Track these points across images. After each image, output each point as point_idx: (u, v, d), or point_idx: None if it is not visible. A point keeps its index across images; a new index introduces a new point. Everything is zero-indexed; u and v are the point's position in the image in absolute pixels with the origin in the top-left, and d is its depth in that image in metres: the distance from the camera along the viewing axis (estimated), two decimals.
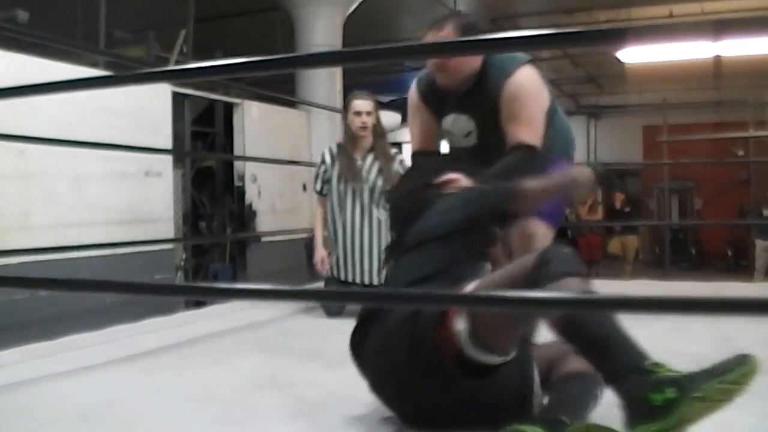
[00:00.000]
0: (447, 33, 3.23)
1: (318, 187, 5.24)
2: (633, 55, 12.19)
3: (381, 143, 5.17)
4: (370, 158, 5.13)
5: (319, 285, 5.38)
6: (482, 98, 3.29)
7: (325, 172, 5.20)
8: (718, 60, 12.87)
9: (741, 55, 12.20)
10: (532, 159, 3.20)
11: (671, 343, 3.21)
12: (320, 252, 5.14)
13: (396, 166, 5.09)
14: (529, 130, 3.24)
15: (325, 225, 5.21)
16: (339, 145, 5.28)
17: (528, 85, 3.28)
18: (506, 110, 3.26)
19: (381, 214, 5.02)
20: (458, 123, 3.40)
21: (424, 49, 2.99)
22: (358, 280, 5.07)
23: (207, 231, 8.06)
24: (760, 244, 11.61)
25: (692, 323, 3.92)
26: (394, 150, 5.31)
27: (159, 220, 6.42)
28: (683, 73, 13.56)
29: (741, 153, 15.93)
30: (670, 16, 11.66)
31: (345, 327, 2.62)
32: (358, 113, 5.08)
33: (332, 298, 3.31)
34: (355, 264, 5.08)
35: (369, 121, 5.08)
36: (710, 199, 17.03)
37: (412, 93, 3.56)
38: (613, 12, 11.76)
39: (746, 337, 3.29)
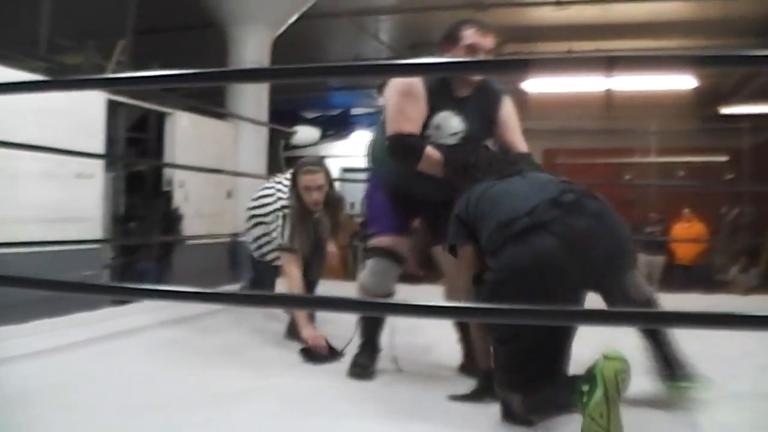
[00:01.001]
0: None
1: (291, 242, 4.38)
2: (536, 85, 12.39)
3: (332, 213, 4.67)
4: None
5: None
6: (482, 106, 3.49)
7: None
8: (609, 92, 13.20)
9: (630, 89, 12.56)
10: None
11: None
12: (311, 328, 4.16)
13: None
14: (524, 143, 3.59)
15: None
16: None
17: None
18: (507, 123, 3.56)
19: None
20: (451, 121, 3.43)
21: (339, 70, 3.04)
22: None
23: (136, 232, 7.93)
24: (642, 258, 11.90)
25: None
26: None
27: (89, 220, 6.34)
28: (580, 103, 13.83)
29: (628, 177, 16.33)
30: (569, 51, 11.90)
31: (260, 324, 2.61)
32: (308, 188, 4.35)
33: (249, 302, 3.23)
34: None
35: (320, 198, 4.37)
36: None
37: (416, 83, 3.39)
38: (520, 46, 11.95)
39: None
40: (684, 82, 11.79)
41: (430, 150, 3.31)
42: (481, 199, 2.92)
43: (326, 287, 5.14)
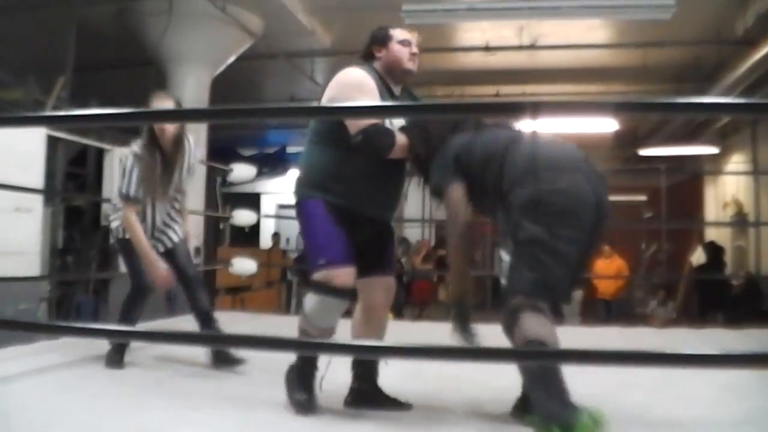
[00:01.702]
0: None
1: (133, 191, 4.11)
2: None
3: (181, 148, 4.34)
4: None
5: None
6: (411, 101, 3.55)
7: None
8: (535, 134, 13.42)
9: (555, 132, 12.77)
10: None
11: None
12: (160, 264, 4.16)
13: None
14: None
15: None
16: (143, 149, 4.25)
17: None
18: None
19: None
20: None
21: (280, 111, 3.05)
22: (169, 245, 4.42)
23: (74, 265, 7.81)
24: None
25: None
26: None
27: (27, 253, 6.21)
28: None
29: None
30: (497, 95, 12.14)
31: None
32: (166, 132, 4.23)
33: (181, 340, 3.23)
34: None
35: (175, 131, 4.24)
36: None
37: (368, 77, 3.32)
38: (450, 89, 12.14)
39: None
40: (605, 125, 12.08)
41: (398, 135, 3.24)
42: (487, 148, 3.17)
43: (268, 321, 5.11)
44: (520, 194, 2.97)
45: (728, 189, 14.11)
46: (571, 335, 3.16)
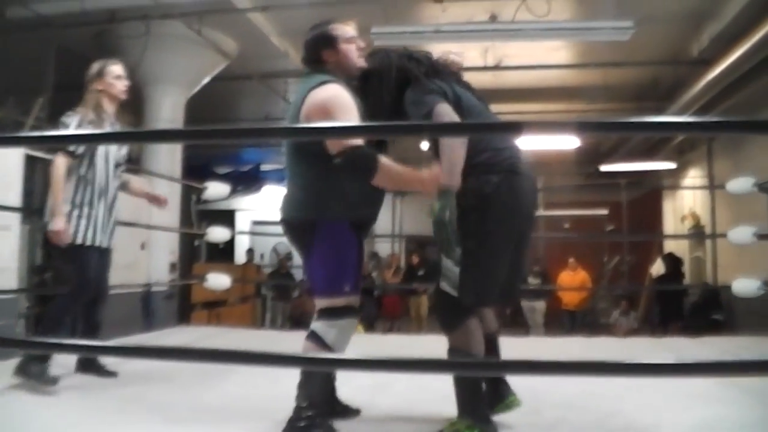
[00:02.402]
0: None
1: (78, 148, 4.05)
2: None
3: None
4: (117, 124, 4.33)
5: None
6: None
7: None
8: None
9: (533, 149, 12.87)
10: None
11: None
12: (63, 220, 3.98)
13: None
14: None
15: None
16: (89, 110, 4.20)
17: None
18: None
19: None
20: None
21: (252, 132, 3.03)
22: (105, 244, 4.27)
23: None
24: (525, 304, 12.21)
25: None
26: None
27: (5, 270, 6.14)
28: None
29: None
30: None
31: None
32: (119, 77, 4.28)
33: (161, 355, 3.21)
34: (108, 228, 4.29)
35: (128, 84, 4.34)
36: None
37: (345, 92, 3.04)
38: None
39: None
40: (568, 142, 12.19)
41: (385, 160, 2.92)
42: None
43: (243, 336, 5.07)
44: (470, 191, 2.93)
45: (686, 203, 14.31)
46: (536, 345, 3.21)
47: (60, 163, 3.97)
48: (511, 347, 3.18)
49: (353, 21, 3.25)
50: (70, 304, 4.13)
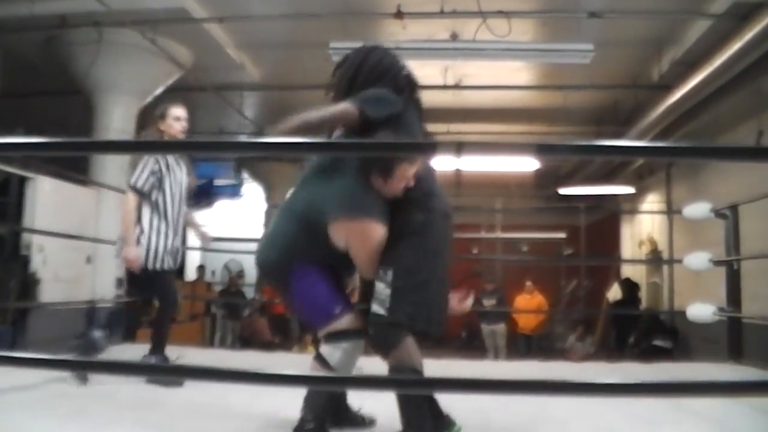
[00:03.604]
0: None
1: (141, 184, 4.61)
2: None
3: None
4: (181, 161, 4.94)
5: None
6: None
7: (155, 172, 4.66)
8: (458, 172, 13.63)
9: (477, 170, 13.03)
10: None
11: None
12: (135, 249, 4.57)
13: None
14: None
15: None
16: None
17: None
18: None
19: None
20: None
21: (204, 145, 3.03)
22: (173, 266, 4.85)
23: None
24: (484, 328, 12.26)
25: None
26: None
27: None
28: None
29: (475, 251, 16.83)
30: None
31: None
32: (178, 118, 4.81)
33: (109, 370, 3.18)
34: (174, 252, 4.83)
35: (186, 126, 4.88)
36: (451, 289, 17.76)
37: None
38: None
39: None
40: (527, 164, 12.33)
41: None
42: None
43: (193, 355, 5.02)
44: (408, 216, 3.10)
45: (644, 228, 14.52)
46: (492, 369, 3.24)
47: (130, 199, 4.61)
48: (465, 371, 3.22)
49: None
50: (166, 321, 4.86)
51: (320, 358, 3.10)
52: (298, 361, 5.68)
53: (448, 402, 3.12)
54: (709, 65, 7.75)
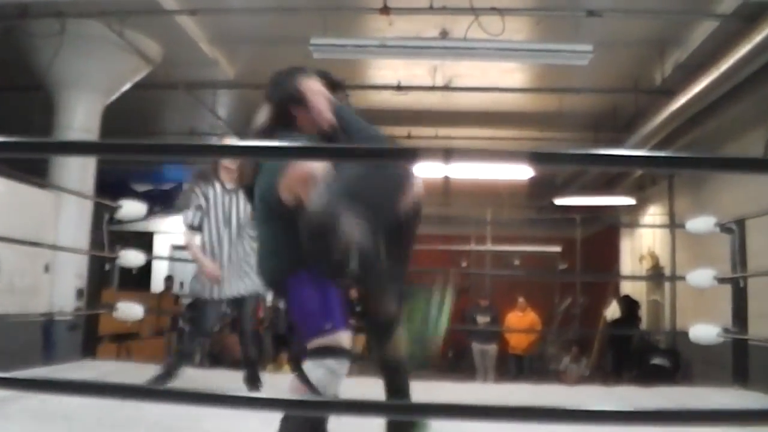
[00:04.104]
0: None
1: (190, 221, 5.42)
2: None
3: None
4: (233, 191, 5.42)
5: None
6: None
7: (200, 207, 5.42)
8: (447, 180, 13.62)
9: (467, 178, 13.03)
10: None
11: None
12: (210, 263, 5.34)
13: None
14: None
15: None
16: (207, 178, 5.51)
17: None
18: None
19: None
20: None
21: (173, 148, 3.01)
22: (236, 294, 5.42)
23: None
24: (475, 347, 12.22)
25: None
26: None
27: None
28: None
29: (464, 264, 16.82)
30: (409, 136, 12.29)
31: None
32: (228, 169, 5.32)
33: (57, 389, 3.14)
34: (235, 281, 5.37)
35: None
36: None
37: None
38: None
39: None
40: (520, 172, 12.35)
41: None
42: None
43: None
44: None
45: (644, 242, 14.54)
46: (478, 392, 3.22)
47: (187, 236, 5.41)
48: (453, 393, 3.20)
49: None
50: (190, 342, 6.40)
51: (302, 375, 3.06)
52: (272, 381, 5.65)
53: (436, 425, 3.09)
54: (715, 69, 7.76)
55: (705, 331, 5.70)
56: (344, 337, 3.12)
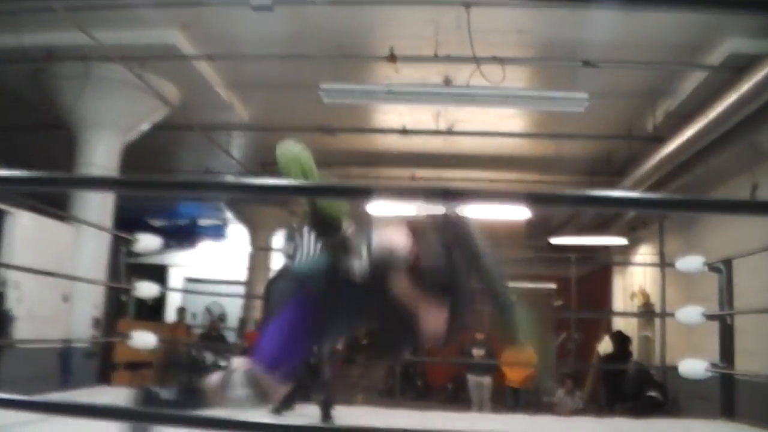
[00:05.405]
0: None
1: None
2: (378, 207, 12.70)
3: None
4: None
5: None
6: None
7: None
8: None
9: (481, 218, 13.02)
10: None
11: None
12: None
13: None
14: None
15: None
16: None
17: None
18: None
19: None
20: None
21: (189, 185, 3.03)
22: None
23: None
24: (471, 379, 12.17)
25: None
26: None
27: None
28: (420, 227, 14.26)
29: None
30: (413, 178, 12.33)
31: None
32: None
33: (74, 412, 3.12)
34: None
35: None
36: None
37: None
38: (366, 170, 12.29)
39: None
40: (518, 213, 12.35)
41: None
42: None
43: None
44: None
45: (636, 280, 14.53)
46: (475, 422, 3.20)
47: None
48: (450, 423, 3.18)
49: None
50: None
51: (226, 377, 2.99)
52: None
53: None
54: (703, 117, 7.80)
55: (694, 366, 5.67)
56: (278, 387, 3.04)
